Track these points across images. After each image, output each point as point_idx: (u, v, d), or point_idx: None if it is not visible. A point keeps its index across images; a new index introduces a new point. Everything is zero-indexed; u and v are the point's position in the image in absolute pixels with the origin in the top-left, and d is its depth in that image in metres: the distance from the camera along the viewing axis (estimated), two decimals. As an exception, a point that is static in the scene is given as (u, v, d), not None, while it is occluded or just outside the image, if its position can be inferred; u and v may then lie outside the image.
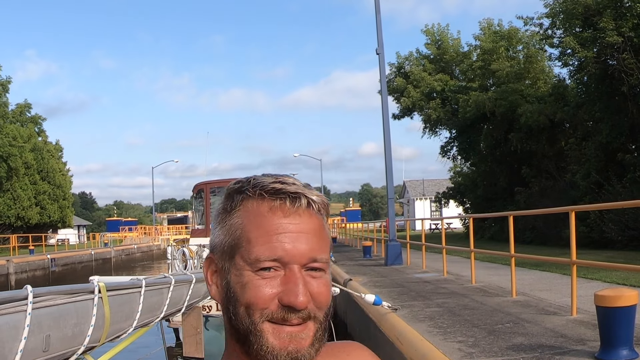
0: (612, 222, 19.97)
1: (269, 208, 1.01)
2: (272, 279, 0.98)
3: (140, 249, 52.65)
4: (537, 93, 30.45)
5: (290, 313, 0.97)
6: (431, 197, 65.47)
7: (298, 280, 0.98)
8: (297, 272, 0.98)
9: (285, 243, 0.98)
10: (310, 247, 1.00)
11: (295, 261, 0.98)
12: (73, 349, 4.34)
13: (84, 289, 4.36)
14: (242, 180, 1.07)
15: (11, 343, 3.59)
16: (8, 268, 30.63)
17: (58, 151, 61.39)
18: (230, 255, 1.02)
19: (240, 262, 1.00)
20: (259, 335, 0.98)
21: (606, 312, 5.27)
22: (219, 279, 1.05)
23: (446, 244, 14.89)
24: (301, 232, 1.00)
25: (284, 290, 0.98)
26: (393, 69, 40.28)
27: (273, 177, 1.04)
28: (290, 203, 1.01)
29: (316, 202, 1.03)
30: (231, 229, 1.03)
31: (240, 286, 1.00)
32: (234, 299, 1.00)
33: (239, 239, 1.01)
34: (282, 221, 1.00)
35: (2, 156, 43.19)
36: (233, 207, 1.04)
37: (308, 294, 0.98)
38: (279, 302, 0.98)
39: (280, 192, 1.01)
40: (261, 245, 0.99)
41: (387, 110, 19.20)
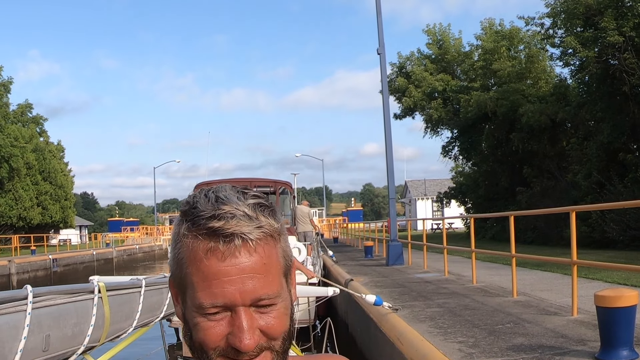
0: (614, 222, 19.96)
1: (205, 250, 0.95)
2: (220, 321, 0.96)
3: (142, 249, 52.68)
4: (538, 93, 30.45)
5: (239, 354, 0.95)
6: (433, 197, 65.49)
7: (242, 323, 0.95)
8: (242, 314, 0.95)
9: (225, 289, 0.94)
10: (252, 288, 0.95)
11: (239, 304, 0.95)
12: (73, 348, 4.33)
13: (83, 288, 4.35)
14: (189, 201, 1.01)
15: (11, 343, 3.59)
16: (10, 268, 30.65)
17: (60, 151, 61.52)
18: (182, 290, 1.00)
19: (188, 302, 0.98)
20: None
21: (606, 312, 5.27)
22: (180, 304, 1.03)
23: (447, 244, 14.89)
24: (241, 273, 0.95)
25: (231, 332, 0.95)
26: (394, 68, 40.36)
27: (212, 206, 0.97)
28: (223, 245, 0.94)
29: (252, 240, 0.96)
30: (179, 264, 0.99)
31: (192, 324, 0.98)
32: (190, 332, 0.99)
33: (184, 279, 0.98)
34: (220, 265, 0.94)
35: (4, 157, 43.27)
36: (178, 238, 0.99)
37: (256, 333, 0.96)
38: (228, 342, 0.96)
39: (214, 233, 0.95)
40: (202, 290, 0.95)
41: (388, 111, 19.20)
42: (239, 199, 0.99)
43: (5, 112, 46.18)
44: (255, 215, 0.98)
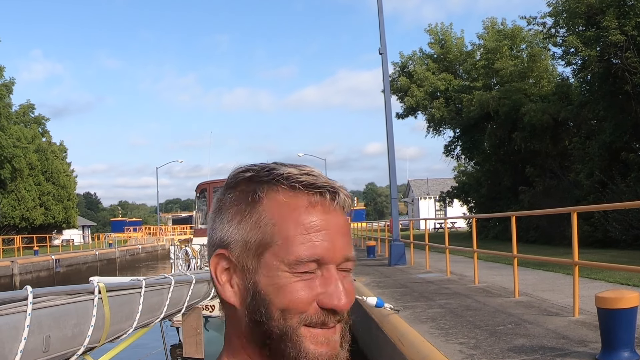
0: (616, 221, 19.93)
1: (307, 203, 0.93)
2: (310, 281, 0.91)
3: (144, 249, 52.72)
4: (540, 92, 30.44)
5: (330, 316, 0.92)
6: (435, 196, 65.42)
7: (338, 282, 0.92)
8: (334, 272, 0.93)
9: (326, 242, 0.92)
10: (345, 246, 0.95)
11: (333, 261, 0.93)
12: (73, 349, 4.34)
13: (84, 289, 4.36)
14: (251, 168, 0.98)
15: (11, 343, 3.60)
16: (12, 269, 30.69)
17: (62, 152, 61.64)
18: (258, 253, 0.93)
19: (274, 262, 0.92)
20: (296, 341, 0.91)
21: (607, 314, 5.26)
22: (238, 279, 0.95)
23: (450, 244, 14.88)
24: (337, 229, 0.94)
25: (324, 293, 0.92)
26: (397, 68, 40.34)
27: (294, 167, 0.96)
28: (330, 198, 0.94)
29: (348, 198, 0.97)
30: (259, 224, 0.93)
31: (275, 288, 0.91)
32: (266, 302, 0.92)
33: (271, 236, 0.92)
34: (322, 217, 0.93)
35: (6, 157, 43.32)
36: (257, 199, 0.94)
37: (346, 295, 0.93)
38: (319, 305, 0.92)
39: (317, 185, 0.94)
40: (301, 244, 0.91)
41: (390, 111, 19.20)
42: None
43: (8, 112, 46.24)
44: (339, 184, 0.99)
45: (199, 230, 18.99)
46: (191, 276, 5.37)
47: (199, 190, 19.45)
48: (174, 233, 62.98)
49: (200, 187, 19.34)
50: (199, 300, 5.63)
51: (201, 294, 5.63)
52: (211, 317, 10.79)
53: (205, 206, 19.03)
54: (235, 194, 0.97)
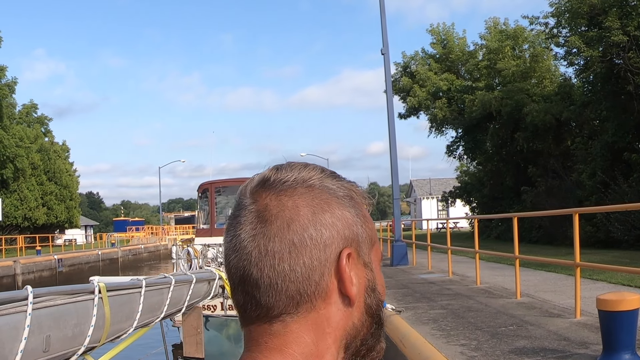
0: (618, 222, 19.90)
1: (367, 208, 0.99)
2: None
3: (147, 249, 52.72)
4: (543, 92, 30.40)
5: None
6: (438, 196, 65.39)
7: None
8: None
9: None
10: None
11: None
12: (73, 349, 4.34)
13: (84, 289, 4.36)
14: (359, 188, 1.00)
15: (11, 343, 3.60)
16: (15, 269, 30.72)
17: (65, 151, 61.71)
18: (370, 248, 0.97)
19: (374, 256, 0.97)
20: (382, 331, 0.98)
21: (608, 316, 5.24)
22: (357, 276, 0.92)
23: (452, 244, 14.87)
24: None
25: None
26: (399, 68, 40.29)
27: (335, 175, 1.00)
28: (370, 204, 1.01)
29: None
30: (366, 220, 0.97)
31: (379, 281, 0.97)
32: (377, 294, 0.96)
33: (373, 233, 0.98)
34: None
35: (9, 157, 43.40)
36: (357, 195, 0.97)
37: None
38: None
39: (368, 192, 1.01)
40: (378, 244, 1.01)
41: (392, 112, 19.20)
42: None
43: (11, 112, 46.32)
44: None
45: (201, 230, 18.98)
46: (191, 276, 5.37)
47: (201, 190, 19.44)
48: (177, 233, 62.97)
49: (203, 187, 19.33)
50: (199, 299, 5.63)
51: (201, 294, 5.64)
52: (212, 316, 10.78)
53: (207, 206, 19.03)
54: (340, 188, 0.94)
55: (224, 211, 19.88)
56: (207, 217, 19.10)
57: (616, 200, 20.39)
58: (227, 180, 19.90)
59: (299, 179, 0.93)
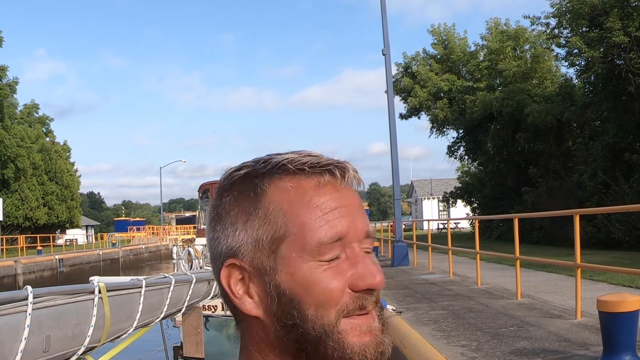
0: (619, 222, 19.88)
1: (316, 184, 0.85)
2: (338, 265, 0.83)
3: (148, 249, 52.71)
4: (544, 93, 30.38)
5: (366, 299, 0.83)
6: (439, 196, 65.35)
7: (366, 259, 0.85)
8: (359, 250, 0.85)
9: (344, 219, 0.84)
10: (364, 221, 0.87)
11: (356, 238, 0.85)
12: (73, 349, 4.34)
13: (84, 289, 4.36)
14: (245, 164, 0.90)
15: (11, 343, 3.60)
16: (16, 269, 30.72)
17: (66, 151, 61.74)
18: (273, 250, 0.84)
19: (293, 254, 0.83)
20: (338, 339, 0.82)
21: (609, 317, 5.23)
22: (256, 286, 0.85)
23: (453, 244, 14.86)
24: (353, 205, 0.87)
25: (355, 274, 0.83)
26: (400, 69, 40.25)
27: (292, 153, 0.89)
28: (340, 175, 0.87)
29: (357, 174, 0.90)
30: (268, 217, 0.84)
31: (302, 284, 0.82)
32: (296, 302, 0.82)
33: (284, 226, 0.84)
34: (335, 196, 0.85)
35: (10, 157, 43.40)
36: (259, 193, 0.86)
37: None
38: (352, 289, 0.83)
39: (323, 164, 0.87)
40: (320, 226, 0.83)
41: (393, 112, 19.21)
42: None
43: (12, 112, 46.33)
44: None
45: (201, 230, 19.02)
46: (191, 276, 5.38)
47: (201, 190, 19.47)
48: (178, 233, 62.96)
49: (203, 187, 19.37)
50: (199, 299, 5.63)
51: (201, 294, 5.64)
52: (211, 317, 10.78)
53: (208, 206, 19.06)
54: (233, 195, 0.88)
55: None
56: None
57: (617, 201, 20.36)
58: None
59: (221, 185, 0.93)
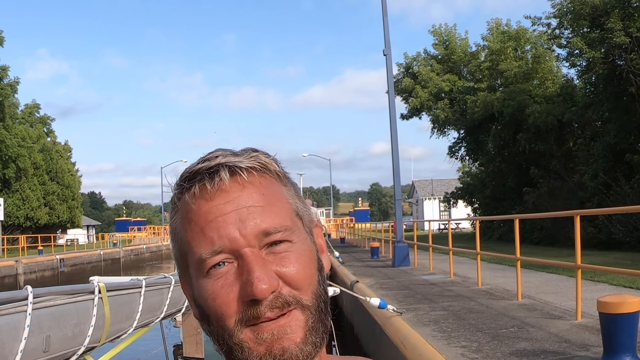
0: (620, 223, 19.87)
1: (190, 198, 0.84)
2: (226, 277, 0.81)
3: (149, 249, 52.74)
4: (545, 93, 30.39)
5: (258, 307, 0.80)
6: (440, 197, 65.33)
7: (252, 265, 0.80)
8: (250, 255, 0.81)
9: (221, 229, 0.81)
10: (252, 220, 0.82)
11: (242, 244, 0.81)
12: (73, 349, 4.34)
13: (84, 289, 4.36)
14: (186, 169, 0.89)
15: (11, 343, 3.60)
16: (17, 268, 30.76)
17: (67, 151, 61.78)
18: (185, 268, 0.88)
19: (192, 271, 0.85)
20: (240, 348, 0.81)
21: (609, 318, 5.23)
22: (190, 297, 0.90)
23: (454, 244, 14.84)
24: (236, 209, 0.82)
25: (241, 285, 0.80)
26: (401, 69, 40.27)
27: (203, 157, 0.87)
28: (209, 182, 0.83)
29: (243, 168, 0.84)
30: (175, 237, 0.88)
31: (202, 299, 0.83)
32: (204, 316, 0.85)
33: (182, 246, 0.86)
34: (209, 205, 0.83)
35: (11, 157, 43.44)
36: (173, 212, 0.88)
37: (272, 277, 0.80)
38: (243, 299, 0.80)
39: (196, 173, 0.84)
40: (198, 242, 0.82)
41: (394, 113, 19.17)
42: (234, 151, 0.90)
43: (13, 112, 46.36)
44: (248, 152, 0.89)
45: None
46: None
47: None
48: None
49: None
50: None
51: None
52: None
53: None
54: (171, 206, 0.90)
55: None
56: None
57: (618, 202, 20.36)
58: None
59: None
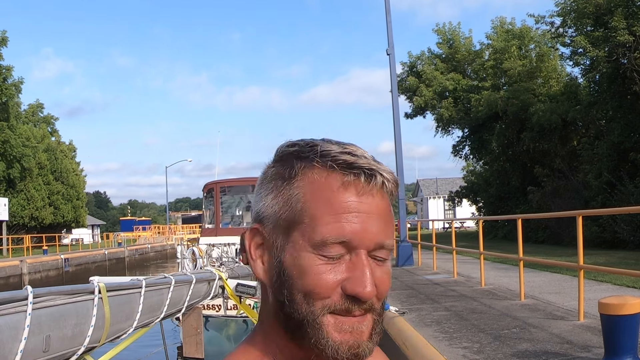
0: (624, 222, 19.80)
1: (340, 183, 0.89)
2: (337, 265, 0.87)
3: (153, 249, 52.79)
4: (549, 92, 30.31)
5: (354, 304, 0.87)
6: (444, 195, 65.22)
7: (365, 268, 0.87)
8: (364, 258, 0.88)
9: (355, 224, 0.87)
10: (379, 232, 0.89)
11: (364, 245, 0.88)
12: (73, 349, 4.35)
13: (84, 289, 4.36)
14: (298, 143, 0.95)
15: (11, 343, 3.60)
16: (22, 268, 30.82)
17: (71, 151, 61.92)
18: (287, 231, 0.91)
19: (300, 241, 0.89)
20: (317, 328, 0.87)
21: (610, 320, 5.21)
22: (267, 256, 0.94)
23: (459, 244, 14.84)
24: (372, 213, 0.89)
25: (349, 278, 0.87)
26: (405, 68, 40.24)
27: (338, 144, 0.93)
28: (365, 180, 0.89)
29: (390, 182, 0.91)
30: (290, 201, 0.90)
31: (299, 270, 0.88)
32: (289, 284, 0.89)
33: (300, 214, 0.89)
34: (354, 199, 0.88)
35: (16, 157, 43.53)
36: (292, 175, 0.92)
37: (374, 284, 0.88)
38: (343, 291, 0.87)
39: (353, 166, 0.89)
40: (328, 224, 0.87)
41: (397, 112, 19.16)
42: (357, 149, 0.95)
43: (17, 112, 46.45)
44: (385, 166, 0.94)
45: (206, 230, 18.98)
46: (191, 276, 5.37)
47: (206, 189, 19.44)
48: (183, 232, 63.01)
49: (208, 186, 19.33)
50: (199, 300, 5.63)
51: (201, 294, 5.63)
52: (211, 317, 10.77)
53: (212, 206, 19.03)
54: (277, 167, 0.95)
55: (229, 211, 19.87)
56: (212, 216, 19.09)
57: (622, 201, 20.29)
58: (232, 180, 19.90)
59: (275, 155, 0.99)
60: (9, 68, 42.13)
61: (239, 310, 8.63)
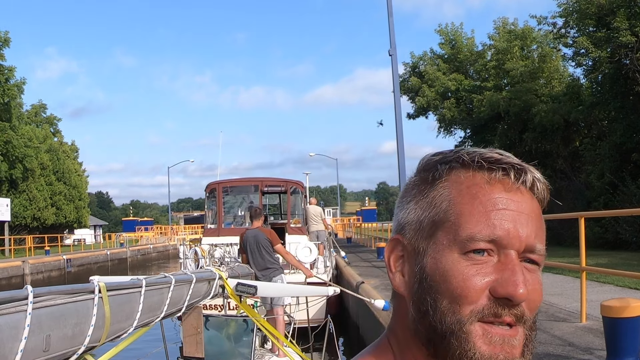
0: (627, 223, 19.77)
1: (487, 179, 0.85)
2: (484, 265, 0.81)
3: (156, 249, 52.82)
4: (551, 92, 30.30)
5: (504, 308, 0.81)
6: (446, 197, 65.12)
7: (517, 267, 0.81)
8: (514, 258, 0.82)
9: (506, 222, 0.82)
10: (530, 232, 0.83)
11: (514, 246, 0.82)
12: (73, 348, 4.33)
13: (84, 288, 4.35)
14: (442, 151, 0.92)
15: (11, 343, 3.59)
16: (24, 269, 30.84)
17: (74, 151, 61.99)
18: (430, 233, 0.86)
19: (444, 241, 0.83)
20: (464, 339, 0.80)
21: (612, 322, 5.21)
22: (407, 265, 0.89)
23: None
24: (522, 212, 0.83)
25: (498, 280, 0.81)
26: (407, 68, 40.24)
27: (490, 149, 0.90)
28: (514, 176, 0.85)
29: (541, 182, 0.87)
30: (434, 201, 0.86)
31: (441, 273, 0.83)
32: (433, 290, 0.83)
33: (445, 212, 0.84)
34: (503, 196, 0.83)
35: (18, 157, 43.56)
36: (437, 177, 0.88)
37: (527, 286, 0.81)
38: (492, 294, 0.81)
39: (502, 161, 0.85)
40: (477, 221, 0.82)
41: (399, 112, 19.14)
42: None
43: (19, 112, 46.50)
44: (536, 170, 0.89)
45: (208, 230, 18.97)
46: (191, 275, 5.36)
47: (208, 189, 19.44)
48: (186, 232, 62.99)
49: (210, 186, 19.32)
50: (199, 299, 5.62)
51: (201, 294, 5.62)
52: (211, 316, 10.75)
53: (214, 206, 19.01)
54: (420, 175, 0.92)
55: (231, 211, 19.87)
56: (214, 217, 19.07)
57: (624, 202, 20.26)
58: (234, 180, 19.91)
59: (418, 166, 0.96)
60: (11, 69, 42.18)
61: (239, 310, 8.62)
